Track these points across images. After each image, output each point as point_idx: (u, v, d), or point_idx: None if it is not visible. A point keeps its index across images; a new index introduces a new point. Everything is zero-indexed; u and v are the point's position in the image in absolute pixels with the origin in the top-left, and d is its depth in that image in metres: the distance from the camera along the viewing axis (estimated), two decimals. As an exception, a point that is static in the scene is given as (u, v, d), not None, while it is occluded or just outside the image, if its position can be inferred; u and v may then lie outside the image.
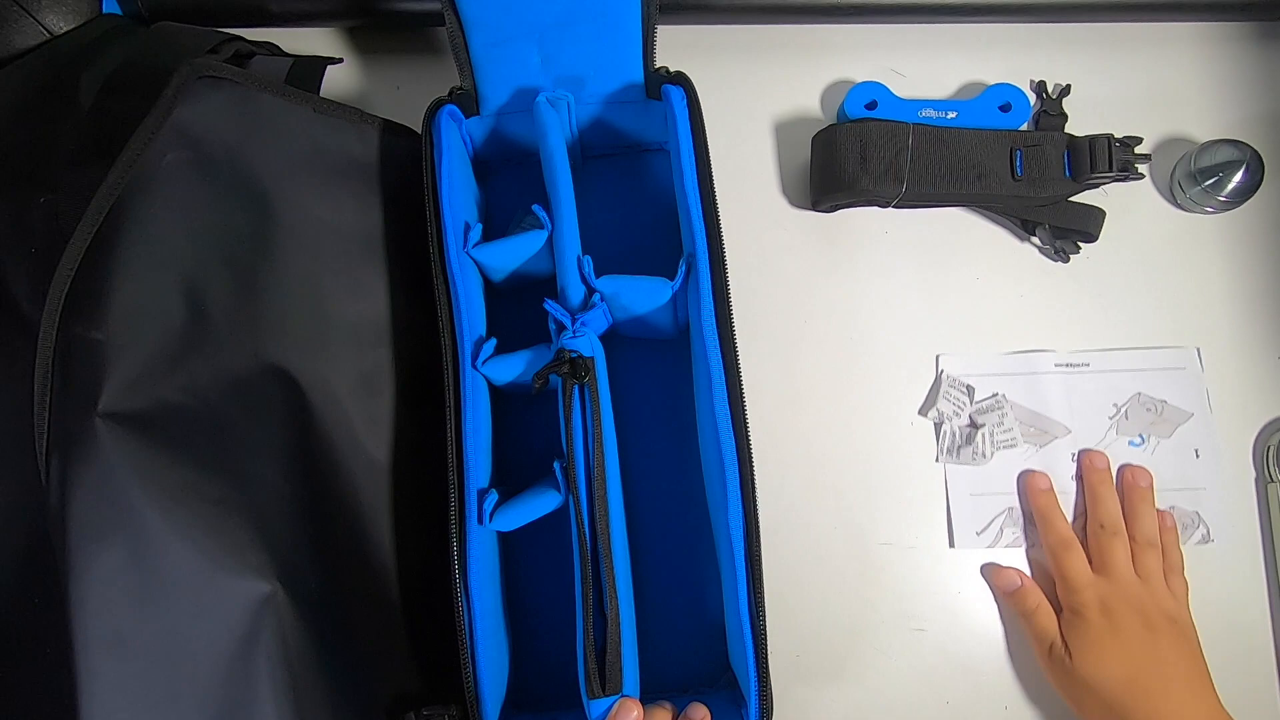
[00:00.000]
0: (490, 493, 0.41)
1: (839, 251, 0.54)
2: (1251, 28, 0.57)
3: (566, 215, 0.44)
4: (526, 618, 0.48)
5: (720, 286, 0.42)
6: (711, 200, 0.43)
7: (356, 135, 0.45)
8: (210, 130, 0.40)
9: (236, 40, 0.46)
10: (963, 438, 0.51)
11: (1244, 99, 0.56)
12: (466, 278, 0.43)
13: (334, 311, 0.42)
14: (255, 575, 0.35)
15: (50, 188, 0.38)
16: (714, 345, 0.41)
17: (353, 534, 0.41)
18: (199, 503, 0.35)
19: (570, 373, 0.40)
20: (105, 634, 0.33)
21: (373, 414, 0.42)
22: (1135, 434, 0.52)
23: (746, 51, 0.56)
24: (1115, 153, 0.51)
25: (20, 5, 0.44)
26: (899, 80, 0.55)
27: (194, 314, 0.38)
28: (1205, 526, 0.51)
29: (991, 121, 0.53)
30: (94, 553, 0.33)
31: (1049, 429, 0.52)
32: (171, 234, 0.38)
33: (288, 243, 0.41)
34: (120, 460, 0.34)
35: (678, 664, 0.40)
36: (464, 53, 0.45)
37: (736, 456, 0.40)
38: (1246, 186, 0.52)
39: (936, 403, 0.52)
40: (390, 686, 0.41)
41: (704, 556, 0.47)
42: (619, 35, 0.45)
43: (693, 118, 0.44)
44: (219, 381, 0.38)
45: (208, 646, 0.34)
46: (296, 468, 0.39)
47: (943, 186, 0.51)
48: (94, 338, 0.35)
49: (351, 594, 0.40)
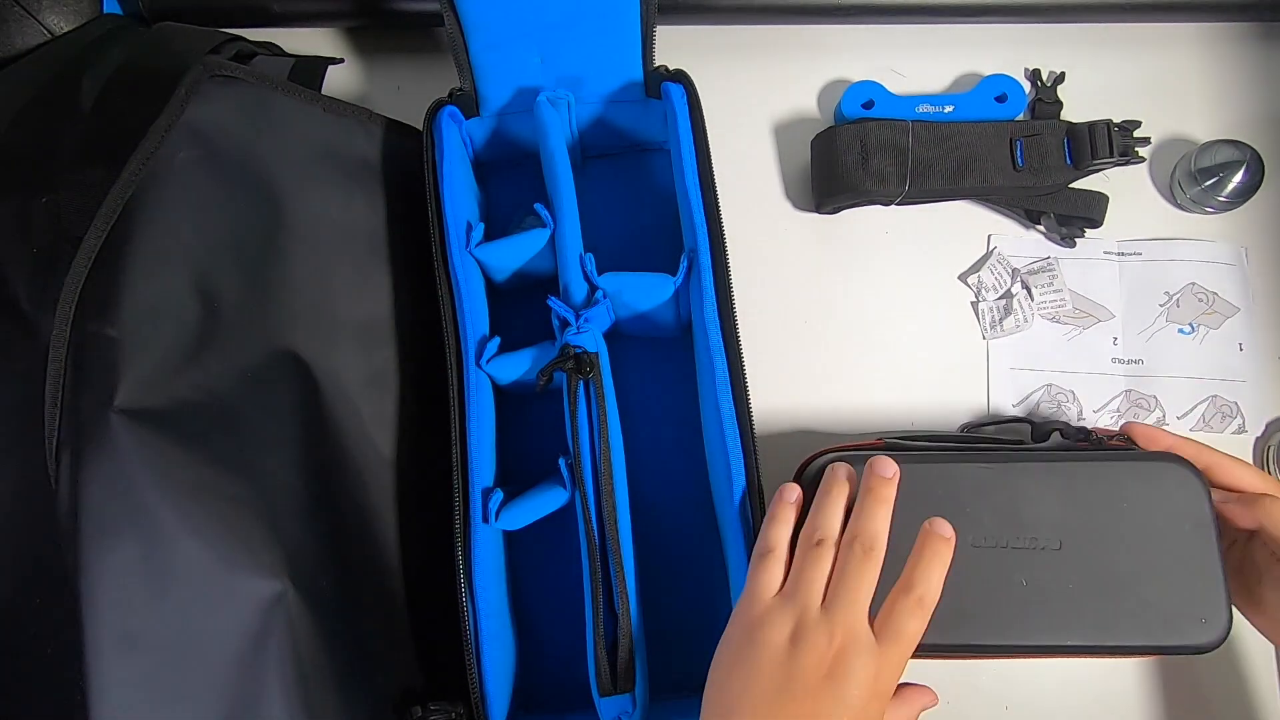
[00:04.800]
0: (495, 492, 0.41)
1: (841, 252, 0.54)
2: (1251, 28, 0.57)
3: (568, 212, 0.44)
4: (531, 618, 0.47)
5: (722, 280, 0.42)
6: (712, 194, 0.43)
7: (364, 135, 0.45)
8: (222, 129, 0.41)
9: (237, 40, 0.46)
10: (1001, 310, 0.52)
11: (1244, 99, 0.56)
12: (469, 277, 0.43)
13: (343, 309, 0.42)
14: (267, 573, 0.36)
15: (51, 188, 0.38)
16: (717, 339, 0.41)
17: (361, 532, 0.41)
18: (212, 500, 0.36)
19: (575, 368, 0.41)
20: (117, 630, 0.33)
21: (380, 412, 0.43)
22: (1186, 322, 0.53)
23: (743, 52, 0.56)
24: (1115, 137, 0.51)
25: (21, 5, 0.45)
26: (898, 80, 0.55)
27: (207, 311, 0.38)
28: (1242, 417, 0.52)
29: (988, 113, 0.53)
30: (106, 549, 0.33)
31: (1094, 312, 0.53)
32: (184, 232, 0.38)
33: (298, 241, 0.41)
34: (135, 457, 0.34)
35: (686, 661, 0.40)
36: (464, 53, 0.45)
37: (742, 452, 0.40)
38: (1246, 186, 0.52)
39: (980, 271, 0.53)
40: (397, 682, 0.41)
41: (710, 552, 0.47)
42: (618, 35, 0.45)
43: (693, 113, 0.44)
44: (232, 377, 0.38)
45: (219, 643, 0.34)
46: (308, 463, 0.39)
47: (945, 182, 0.51)
48: (109, 335, 0.36)
49: (360, 591, 0.40)
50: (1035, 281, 0.53)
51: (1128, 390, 0.52)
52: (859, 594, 0.35)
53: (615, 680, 0.39)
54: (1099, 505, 0.39)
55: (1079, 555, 0.39)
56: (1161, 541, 0.39)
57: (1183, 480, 0.39)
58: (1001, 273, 0.53)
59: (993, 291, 0.53)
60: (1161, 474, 0.39)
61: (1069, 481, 0.39)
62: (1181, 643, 0.38)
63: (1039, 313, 0.53)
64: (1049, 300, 0.53)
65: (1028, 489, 0.39)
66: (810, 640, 0.34)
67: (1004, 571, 0.38)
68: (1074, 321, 0.53)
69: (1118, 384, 0.52)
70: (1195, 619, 0.38)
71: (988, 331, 0.53)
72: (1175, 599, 0.38)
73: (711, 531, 0.46)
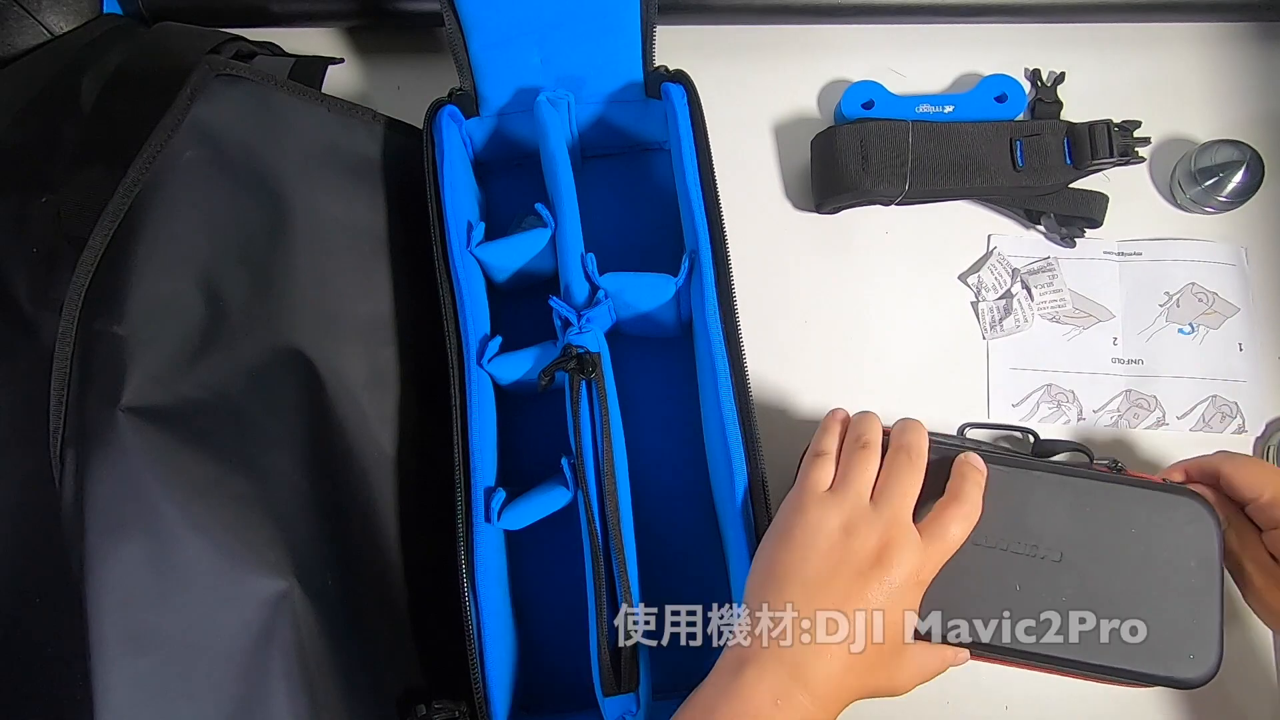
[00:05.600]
0: (497, 491, 0.41)
1: (841, 252, 0.54)
2: (1251, 28, 0.57)
3: (569, 212, 0.44)
4: (533, 617, 0.47)
5: (724, 280, 0.42)
6: (713, 194, 0.43)
7: (366, 134, 0.46)
8: (228, 128, 0.41)
9: (237, 40, 0.46)
10: (1001, 310, 0.52)
11: (1244, 99, 0.56)
12: (470, 276, 0.43)
13: (347, 308, 0.42)
14: (272, 571, 0.36)
15: (51, 187, 0.38)
16: (718, 339, 0.41)
17: (365, 530, 0.41)
18: (218, 498, 0.36)
19: (578, 368, 0.41)
20: (123, 628, 0.33)
21: (383, 410, 0.43)
22: (1185, 322, 0.53)
23: (743, 52, 0.56)
24: (1115, 137, 0.51)
25: (21, 5, 0.45)
26: (898, 80, 0.55)
27: (213, 309, 0.38)
28: (1242, 417, 0.52)
29: (988, 113, 0.53)
30: (112, 546, 0.33)
31: (1094, 312, 0.53)
32: (190, 230, 0.39)
33: (303, 240, 0.41)
34: (141, 455, 0.34)
35: (688, 661, 0.40)
36: (464, 53, 0.45)
37: (743, 451, 0.40)
38: (1246, 186, 0.52)
39: (980, 271, 0.53)
40: (401, 681, 0.41)
41: (712, 553, 0.47)
42: (618, 35, 0.45)
43: (693, 114, 0.44)
44: (238, 375, 0.38)
45: (224, 642, 0.34)
46: (313, 461, 0.39)
47: (945, 182, 0.51)
48: (116, 333, 0.36)
49: (364, 590, 0.40)
50: (1035, 281, 0.53)
51: (1127, 390, 0.52)
52: (907, 494, 0.38)
53: (619, 680, 0.39)
54: (1106, 526, 0.39)
55: (1076, 571, 0.39)
56: (1162, 572, 0.39)
57: (1196, 516, 0.39)
58: (1001, 273, 0.53)
59: (993, 291, 0.53)
60: (1176, 507, 0.39)
61: (1081, 498, 0.40)
62: (1165, 674, 0.38)
63: (1039, 313, 0.53)
64: (1049, 300, 0.53)
65: (1038, 498, 0.39)
66: (862, 530, 0.37)
67: (999, 573, 0.39)
68: (1074, 321, 0.53)
69: (1118, 384, 0.52)
70: (1183, 654, 0.38)
71: (988, 331, 0.53)
72: (1166, 631, 0.38)
73: (713, 531, 0.46)
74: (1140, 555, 0.39)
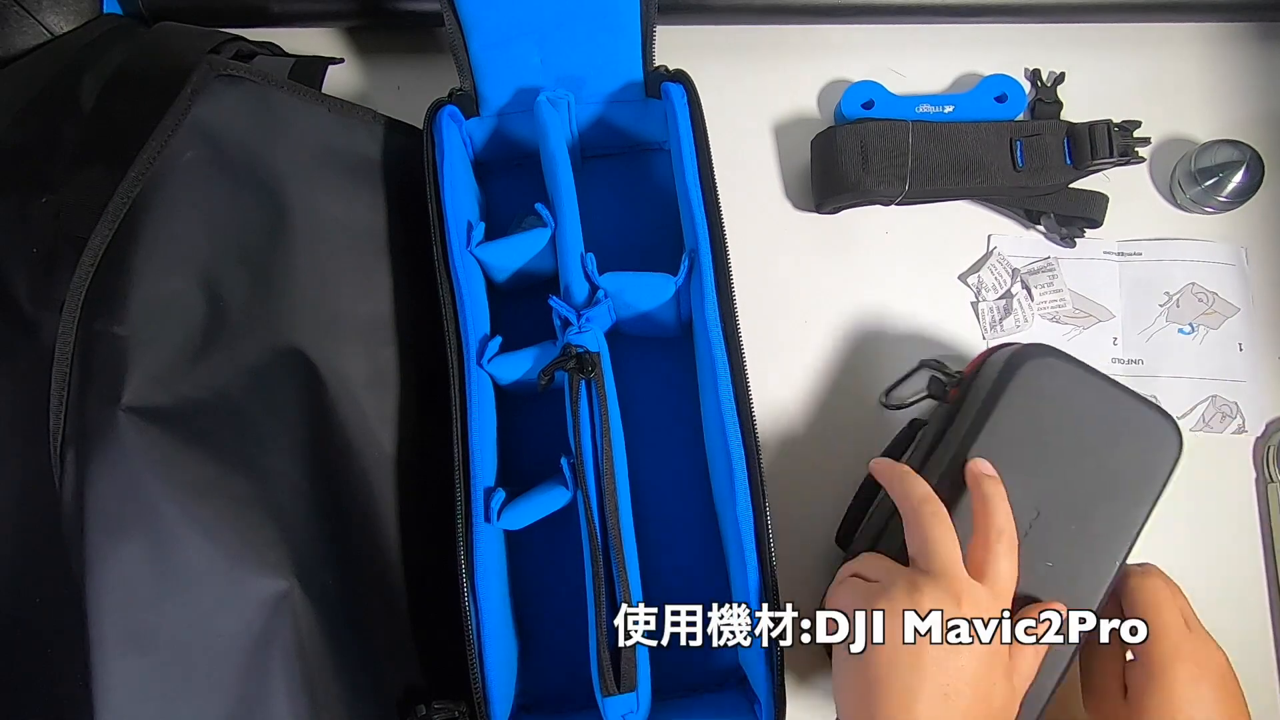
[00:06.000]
0: (497, 491, 0.41)
1: (841, 252, 0.54)
2: (1251, 28, 0.57)
3: (569, 212, 0.44)
4: (533, 617, 0.47)
5: (724, 280, 0.42)
6: (713, 194, 0.43)
7: (367, 134, 0.46)
8: (229, 128, 0.41)
9: (237, 40, 0.46)
10: (1001, 310, 0.52)
11: (1244, 99, 0.56)
12: (470, 276, 0.43)
13: (347, 308, 0.42)
14: (273, 571, 0.36)
15: (51, 187, 0.38)
16: (718, 338, 0.41)
17: (365, 530, 0.41)
18: (218, 498, 0.36)
19: (577, 368, 0.41)
20: (123, 629, 0.33)
21: (383, 410, 0.43)
22: (1185, 322, 0.53)
23: (743, 52, 0.56)
24: (1115, 137, 0.51)
25: (21, 5, 0.45)
26: (898, 80, 0.55)
27: (214, 310, 0.38)
28: (1242, 417, 0.52)
29: (988, 113, 0.53)
30: (113, 547, 0.33)
31: (1094, 312, 0.53)
32: (191, 230, 0.39)
33: (303, 240, 0.42)
34: (142, 455, 0.34)
35: (688, 662, 0.40)
36: (464, 53, 0.45)
37: (744, 451, 0.40)
38: (1246, 186, 0.52)
39: (979, 271, 0.53)
40: (401, 681, 0.41)
41: (712, 554, 0.47)
42: (618, 35, 0.45)
43: (693, 113, 0.44)
44: (239, 375, 0.38)
45: (225, 642, 0.34)
46: (313, 461, 0.40)
47: (945, 182, 0.51)
48: (116, 333, 0.36)
49: (364, 590, 0.40)
50: (1035, 281, 0.53)
51: (1128, 390, 0.52)
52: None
53: (619, 680, 0.39)
54: (1031, 454, 0.40)
55: (1054, 508, 0.40)
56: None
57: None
58: (1001, 273, 0.53)
59: (993, 291, 0.53)
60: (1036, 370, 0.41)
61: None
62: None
63: (1039, 313, 0.53)
64: (1049, 300, 0.53)
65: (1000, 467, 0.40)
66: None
67: (1030, 562, 0.38)
68: (1074, 321, 0.53)
69: (1118, 384, 0.52)
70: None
71: (988, 331, 0.53)
72: (1128, 461, 0.41)
73: (714, 531, 0.46)
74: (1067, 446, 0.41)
